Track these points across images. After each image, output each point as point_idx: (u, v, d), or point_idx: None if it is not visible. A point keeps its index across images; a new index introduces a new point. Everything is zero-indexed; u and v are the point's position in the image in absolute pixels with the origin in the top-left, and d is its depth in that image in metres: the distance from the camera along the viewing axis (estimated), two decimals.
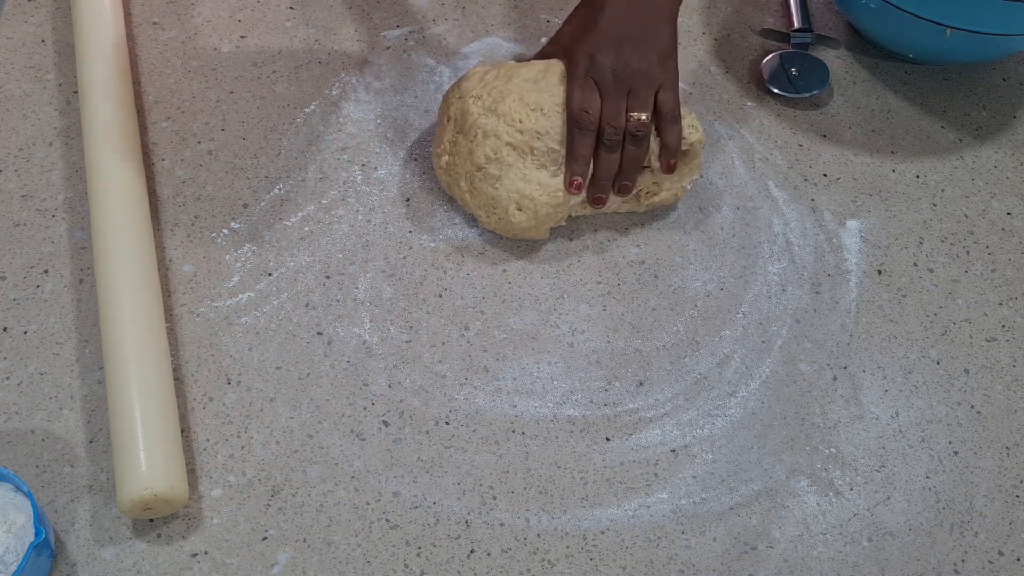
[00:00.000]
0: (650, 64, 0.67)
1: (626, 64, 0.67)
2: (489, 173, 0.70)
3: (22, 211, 0.72)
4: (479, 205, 0.71)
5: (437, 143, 0.74)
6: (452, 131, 0.72)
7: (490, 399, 0.66)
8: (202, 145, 0.76)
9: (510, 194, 0.69)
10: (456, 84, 0.74)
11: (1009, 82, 0.88)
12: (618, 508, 0.62)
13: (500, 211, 0.70)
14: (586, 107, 0.67)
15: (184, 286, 0.69)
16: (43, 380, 0.64)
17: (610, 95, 0.67)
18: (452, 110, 0.73)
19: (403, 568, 0.59)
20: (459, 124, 0.72)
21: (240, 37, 0.84)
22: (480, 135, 0.70)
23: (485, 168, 0.70)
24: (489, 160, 0.69)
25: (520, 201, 0.69)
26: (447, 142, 0.72)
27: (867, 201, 0.78)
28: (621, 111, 0.67)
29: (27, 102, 0.78)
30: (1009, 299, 0.74)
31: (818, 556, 0.61)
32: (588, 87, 0.68)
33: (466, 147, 0.71)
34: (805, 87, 0.83)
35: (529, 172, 0.69)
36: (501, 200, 0.70)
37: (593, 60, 0.68)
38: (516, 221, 0.70)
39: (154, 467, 0.57)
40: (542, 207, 0.70)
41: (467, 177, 0.71)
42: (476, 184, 0.70)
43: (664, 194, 0.73)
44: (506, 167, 0.69)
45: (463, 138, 0.71)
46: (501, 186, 0.69)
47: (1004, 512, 0.64)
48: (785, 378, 0.68)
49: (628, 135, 0.67)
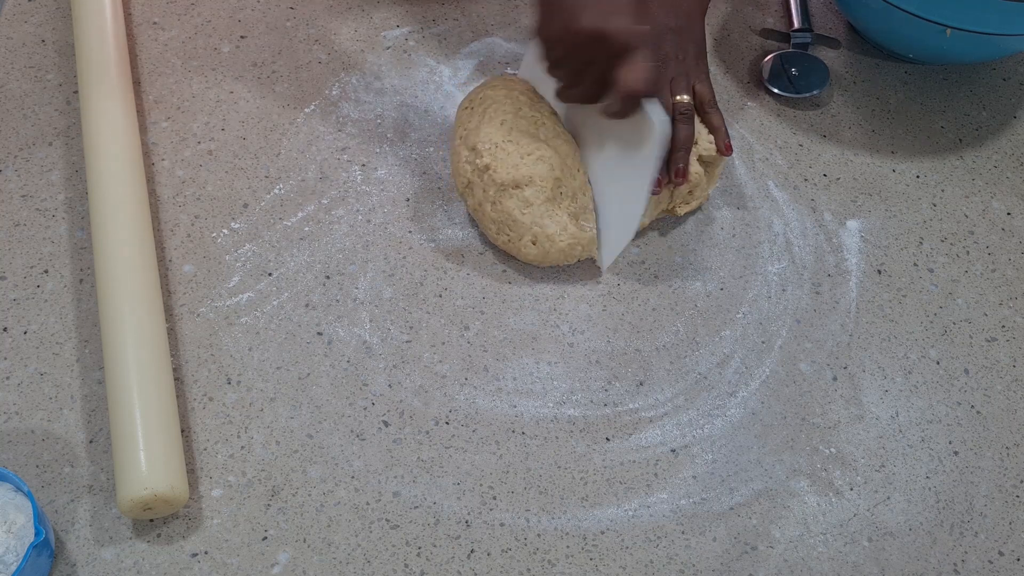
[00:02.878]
0: (687, 56, 0.71)
1: (666, 55, 0.70)
2: (524, 196, 0.67)
3: (22, 211, 0.72)
4: (495, 220, 0.69)
5: (478, 139, 0.69)
6: (503, 136, 0.69)
7: (490, 399, 0.66)
8: (202, 145, 0.77)
9: (532, 226, 0.68)
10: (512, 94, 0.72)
11: (1009, 82, 0.88)
12: (618, 508, 0.62)
13: (515, 236, 0.69)
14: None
15: (184, 286, 0.69)
16: (43, 380, 0.64)
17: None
18: (509, 117, 0.69)
19: (403, 568, 0.59)
20: (516, 135, 0.69)
21: (240, 37, 0.84)
22: (537, 156, 0.68)
23: (523, 188, 0.67)
24: (531, 183, 0.67)
25: (538, 237, 0.68)
26: (494, 144, 0.69)
27: (867, 201, 0.78)
28: (667, 96, 0.70)
29: (27, 102, 0.78)
30: (1009, 299, 0.74)
31: (818, 556, 0.61)
32: None
33: (514, 159, 0.68)
34: (805, 87, 0.83)
35: (560, 215, 0.68)
36: (521, 227, 0.68)
37: None
38: (524, 252, 0.69)
39: (154, 467, 0.57)
40: (556, 251, 0.69)
41: (499, 188, 0.68)
42: (504, 200, 0.68)
43: (695, 202, 0.74)
44: (543, 199, 0.68)
45: (514, 148, 0.68)
46: (528, 214, 0.68)
47: (1004, 512, 0.64)
48: (785, 378, 0.68)
49: (676, 115, 0.69)
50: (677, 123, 0.70)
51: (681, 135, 0.70)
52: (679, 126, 0.70)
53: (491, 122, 0.70)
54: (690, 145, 0.70)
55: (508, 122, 0.70)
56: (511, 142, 0.69)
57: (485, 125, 0.70)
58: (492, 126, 0.70)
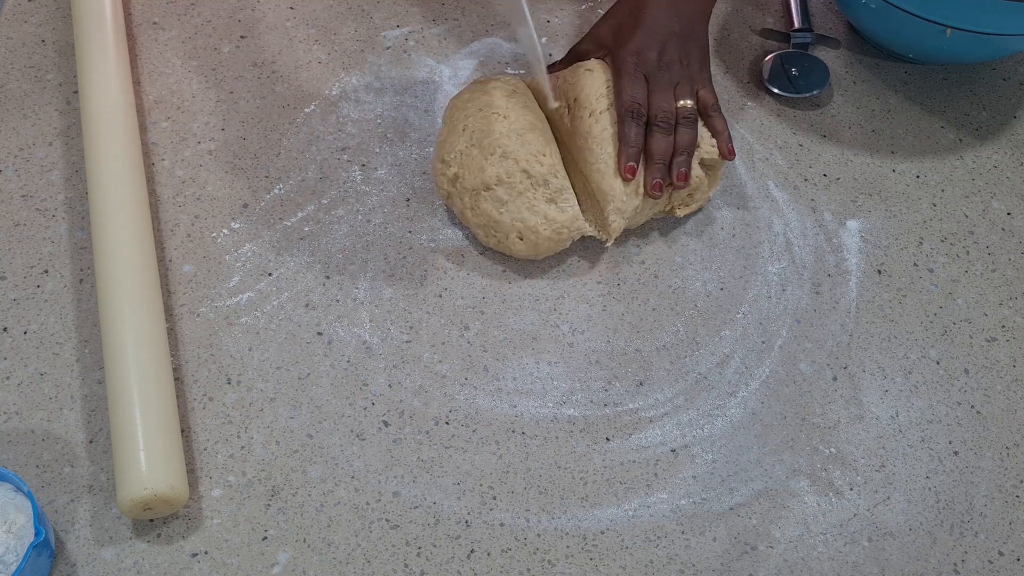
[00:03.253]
0: (691, 60, 0.72)
1: (671, 60, 0.71)
2: (496, 195, 0.68)
3: (22, 211, 0.72)
4: (479, 224, 0.70)
5: (445, 150, 0.71)
6: (466, 142, 0.70)
7: (490, 399, 0.66)
8: (202, 145, 0.77)
9: (513, 222, 0.68)
10: (473, 95, 0.73)
11: (1009, 82, 0.88)
12: (618, 508, 0.62)
13: (501, 235, 0.69)
14: (637, 99, 0.70)
15: (184, 286, 0.69)
16: (43, 380, 0.64)
17: (658, 87, 0.71)
18: (471, 122, 0.71)
19: (403, 568, 0.59)
20: (476, 138, 0.70)
21: (240, 37, 0.84)
22: (499, 155, 0.69)
23: (494, 189, 0.68)
24: (500, 182, 0.68)
25: (523, 231, 0.68)
26: (458, 152, 0.70)
27: (867, 201, 0.78)
28: (670, 100, 0.71)
29: (27, 102, 0.78)
30: (1009, 299, 0.74)
31: (818, 556, 0.61)
32: (638, 80, 0.71)
33: (478, 162, 0.69)
34: (805, 87, 0.83)
35: (537, 204, 0.68)
36: (503, 226, 0.69)
37: (640, 55, 0.71)
38: (515, 249, 0.70)
39: (154, 467, 0.57)
40: (544, 241, 0.69)
41: (472, 193, 0.69)
42: (480, 203, 0.69)
43: (695, 204, 0.74)
44: (515, 194, 0.68)
45: (477, 152, 0.69)
46: (506, 212, 0.68)
47: (1004, 512, 0.64)
48: (785, 378, 0.68)
49: (680, 119, 0.71)
50: (680, 127, 0.71)
51: (684, 139, 0.70)
52: (682, 130, 0.71)
53: (453, 130, 0.72)
54: (693, 149, 0.71)
55: (469, 126, 0.71)
56: (474, 146, 0.70)
57: (450, 135, 0.72)
58: (455, 134, 0.71)
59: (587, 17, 0.88)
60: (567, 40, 0.86)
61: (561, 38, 0.86)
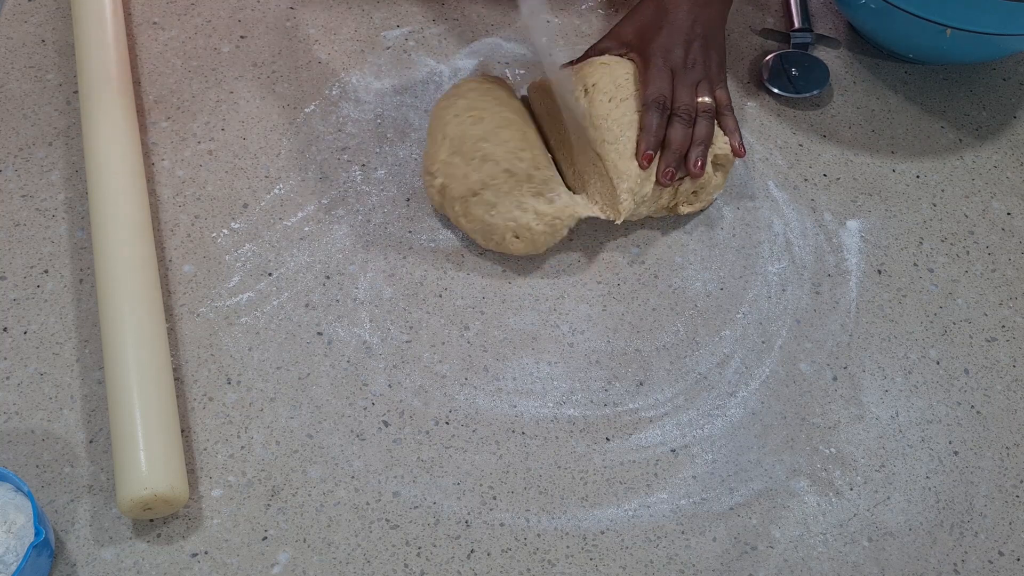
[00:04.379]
0: (712, 62, 0.76)
1: (695, 59, 0.75)
2: (485, 199, 0.69)
3: (22, 211, 0.72)
4: (475, 230, 0.70)
5: (430, 162, 0.72)
6: (447, 151, 0.71)
7: (490, 399, 0.66)
8: (202, 145, 0.77)
9: (507, 223, 0.69)
10: (450, 102, 0.74)
11: (1009, 82, 0.88)
12: (618, 508, 0.62)
13: (498, 237, 0.69)
14: (664, 91, 0.73)
15: (184, 286, 0.69)
16: (43, 380, 0.64)
17: (682, 83, 0.74)
18: (449, 129, 0.71)
19: (403, 568, 0.59)
20: (456, 145, 0.70)
21: (240, 37, 0.84)
22: (479, 159, 0.69)
23: (480, 194, 0.69)
24: (485, 186, 0.69)
25: (517, 230, 0.69)
26: (442, 162, 0.71)
27: (867, 201, 0.78)
28: (692, 95, 0.74)
29: (27, 102, 0.78)
30: (1009, 299, 0.74)
31: (818, 556, 0.61)
32: (665, 75, 0.74)
33: (462, 170, 0.69)
34: (805, 87, 0.83)
35: (525, 200, 0.69)
36: (498, 228, 0.69)
37: (669, 52, 0.75)
38: (514, 247, 0.70)
39: (154, 467, 0.57)
40: (540, 235, 0.69)
41: (461, 201, 0.70)
42: (471, 209, 0.69)
43: (699, 203, 0.75)
44: (502, 194, 0.68)
45: (459, 159, 0.70)
46: (497, 214, 0.68)
47: (1004, 512, 0.64)
48: (785, 378, 0.68)
49: (699, 113, 0.74)
50: (698, 120, 0.74)
51: (702, 132, 0.73)
52: (700, 123, 0.74)
53: (435, 141, 0.72)
54: (709, 142, 0.73)
55: (448, 134, 0.71)
56: (455, 154, 0.70)
57: (432, 145, 0.72)
58: (436, 144, 0.72)
59: (587, 17, 0.88)
60: (567, 40, 0.86)
61: (561, 38, 0.86)
